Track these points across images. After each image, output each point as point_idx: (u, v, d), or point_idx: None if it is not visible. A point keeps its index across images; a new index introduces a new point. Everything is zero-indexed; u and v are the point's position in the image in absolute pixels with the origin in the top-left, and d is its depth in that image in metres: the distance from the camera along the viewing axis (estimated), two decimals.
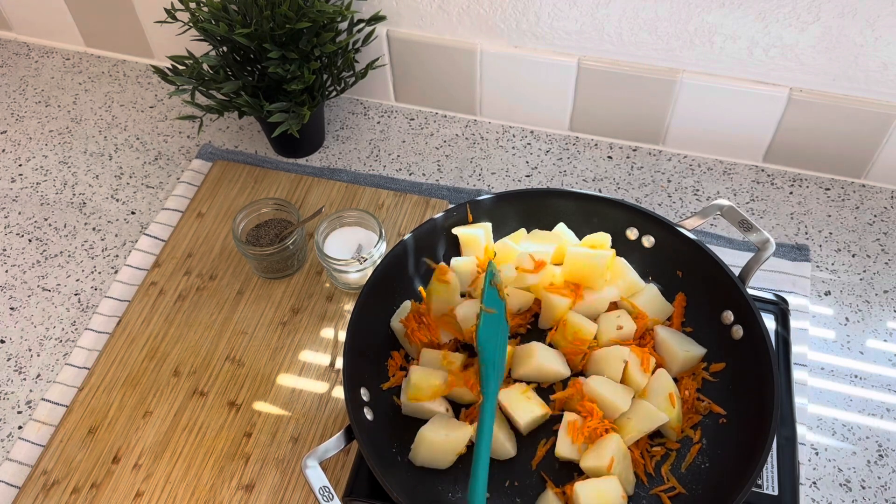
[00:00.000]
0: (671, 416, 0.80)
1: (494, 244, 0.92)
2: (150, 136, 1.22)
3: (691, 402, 0.82)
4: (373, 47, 1.14)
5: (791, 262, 1.01)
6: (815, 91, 1.02)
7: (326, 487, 0.70)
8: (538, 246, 0.89)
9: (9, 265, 1.06)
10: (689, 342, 0.85)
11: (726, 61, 1.02)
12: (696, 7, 0.98)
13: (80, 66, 1.32)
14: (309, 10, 0.98)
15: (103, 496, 0.85)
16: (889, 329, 0.96)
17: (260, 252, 0.96)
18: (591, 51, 1.07)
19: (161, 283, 1.02)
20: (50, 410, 0.92)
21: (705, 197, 1.09)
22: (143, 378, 0.93)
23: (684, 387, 0.83)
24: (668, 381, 0.82)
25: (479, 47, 1.10)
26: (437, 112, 1.22)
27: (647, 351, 0.84)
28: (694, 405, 0.82)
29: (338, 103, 1.24)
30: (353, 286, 0.99)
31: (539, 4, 1.03)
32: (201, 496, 0.85)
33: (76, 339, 0.99)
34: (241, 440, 0.88)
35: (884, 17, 0.92)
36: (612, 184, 1.12)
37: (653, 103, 1.09)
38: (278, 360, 0.95)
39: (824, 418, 0.89)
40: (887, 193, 1.09)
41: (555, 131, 1.18)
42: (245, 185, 1.12)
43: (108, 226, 1.10)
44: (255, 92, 1.05)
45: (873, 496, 0.84)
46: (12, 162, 1.19)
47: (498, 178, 1.13)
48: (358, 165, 1.16)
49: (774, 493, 0.78)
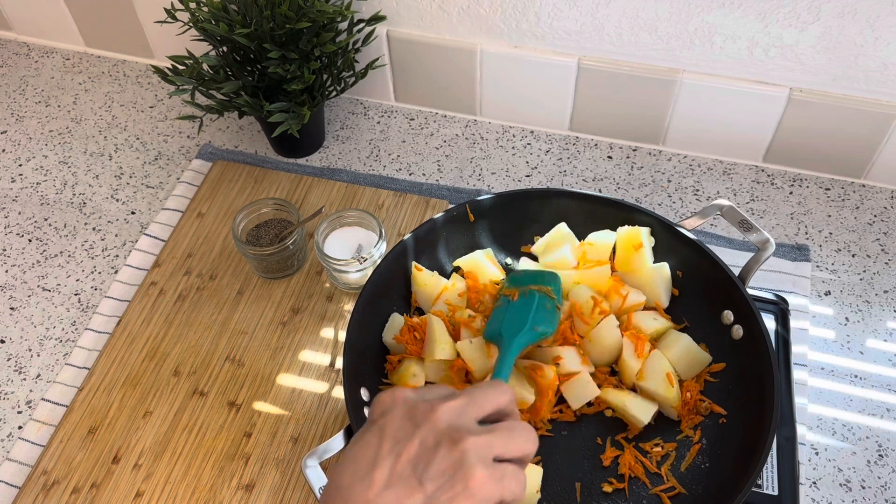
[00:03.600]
0: (670, 396, 0.81)
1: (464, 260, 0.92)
2: (150, 136, 1.22)
3: (693, 402, 0.82)
4: (373, 47, 1.14)
5: (791, 262, 1.01)
6: (815, 91, 1.02)
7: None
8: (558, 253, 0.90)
9: (9, 265, 1.06)
10: (696, 348, 0.85)
11: (726, 61, 1.02)
12: (696, 7, 0.98)
13: (80, 66, 1.32)
14: (309, 10, 0.98)
15: (103, 496, 0.85)
16: (889, 329, 0.96)
17: (260, 252, 0.96)
18: (591, 51, 1.07)
19: (161, 283, 1.02)
20: (50, 410, 0.92)
21: (705, 197, 1.09)
22: (143, 378, 0.93)
23: (686, 388, 0.83)
24: (664, 362, 0.83)
25: (479, 47, 1.10)
26: (437, 112, 1.22)
27: (640, 336, 0.84)
28: (696, 406, 0.82)
29: (338, 103, 1.24)
30: (353, 286, 0.99)
31: (539, 4, 1.03)
32: (201, 496, 0.85)
33: (76, 339, 0.99)
34: (241, 440, 0.88)
35: (884, 17, 0.92)
36: (612, 184, 1.12)
37: (653, 103, 1.09)
38: (278, 360, 0.95)
39: (824, 418, 0.89)
40: (887, 193, 1.09)
41: (555, 131, 1.18)
42: (245, 185, 1.12)
43: (108, 226, 1.10)
44: (255, 92, 1.05)
45: (873, 496, 0.84)
46: (12, 162, 1.19)
47: (498, 178, 1.13)
48: (358, 165, 1.16)
49: (774, 493, 0.78)
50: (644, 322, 0.86)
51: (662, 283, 0.88)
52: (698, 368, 0.84)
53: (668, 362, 0.83)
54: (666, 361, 0.83)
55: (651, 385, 0.82)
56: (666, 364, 0.83)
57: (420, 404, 0.56)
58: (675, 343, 0.84)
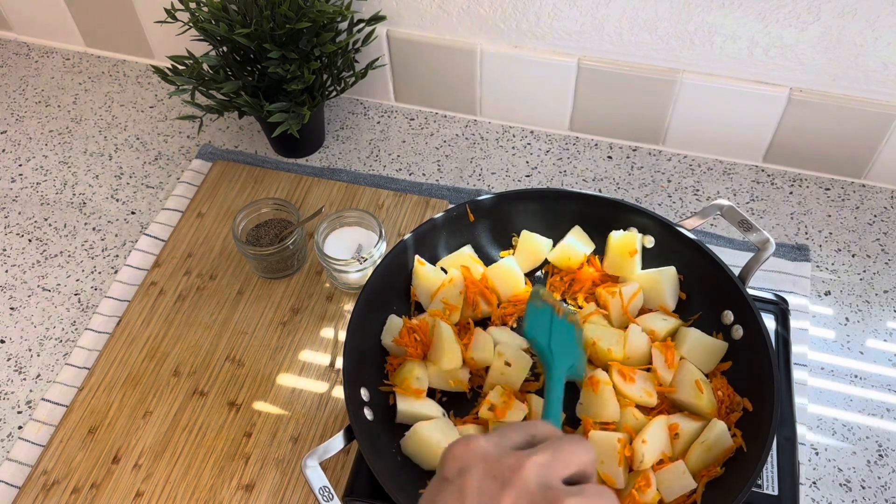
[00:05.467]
0: (701, 403, 0.79)
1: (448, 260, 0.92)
2: (150, 136, 1.22)
3: (728, 399, 0.80)
4: (373, 47, 1.14)
5: (791, 262, 1.01)
6: (815, 91, 1.02)
7: (326, 487, 0.70)
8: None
9: (9, 265, 1.06)
10: (709, 339, 0.84)
11: (726, 61, 1.02)
12: (696, 7, 0.98)
13: (80, 66, 1.32)
14: (309, 10, 0.98)
15: (103, 496, 0.85)
16: (889, 329, 0.96)
17: (260, 252, 0.96)
18: (591, 51, 1.07)
19: (161, 283, 1.02)
20: (50, 410, 0.92)
21: (705, 197, 1.09)
22: (143, 378, 0.93)
23: (716, 389, 0.81)
24: (693, 370, 0.82)
25: (479, 47, 1.10)
26: (437, 112, 1.22)
27: (670, 346, 0.84)
28: (732, 403, 0.81)
29: (338, 103, 1.24)
30: (353, 286, 0.99)
31: (539, 4, 1.03)
32: (201, 496, 0.85)
33: (76, 339, 0.99)
34: (241, 440, 0.88)
35: (884, 17, 0.92)
36: (612, 184, 1.12)
37: (653, 103, 1.09)
38: (278, 360, 0.95)
39: (824, 418, 0.89)
40: (887, 193, 1.09)
41: (555, 131, 1.18)
42: (245, 185, 1.12)
43: (108, 226, 1.10)
44: (255, 92, 1.05)
45: (873, 496, 0.84)
46: (12, 162, 1.19)
47: (498, 178, 1.13)
48: (358, 165, 1.16)
49: (774, 493, 0.78)
50: (654, 324, 0.86)
51: (669, 286, 0.88)
52: (717, 357, 0.84)
53: (695, 369, 0.82)
54: (694, 369, 0.82)
55: (683, 396, 0.81)
56: (695, 372, 0.81)
57: (503, 460, 0.49)
58: (687, 338, 0.84)
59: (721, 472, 0.76)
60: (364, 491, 0.78)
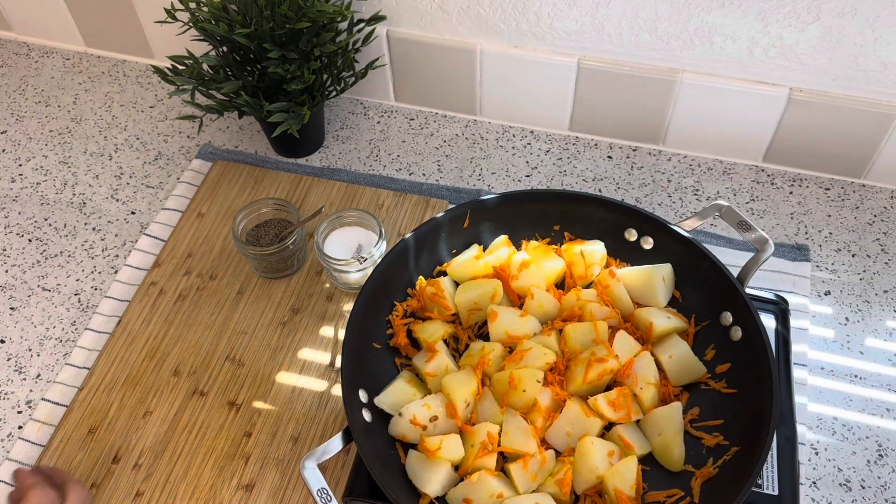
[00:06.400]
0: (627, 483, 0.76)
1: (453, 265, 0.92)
2: (150, 136, 1.22)
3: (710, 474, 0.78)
4: (373, 47, 1.14)
5: (791, 262, 1.01)
6: (815, 91, 1.02)
7: (325, 489, 0.70)
8: None
9: (9, 265, 1.06)
10: (693, 358, 0.84)
11: (726, 61, 1.02)
12: (696, 7, 0.98)
13: (80, 66, 1.32)
14: (309, 10, 0.98)
15: (103, 496, 0.85)
16: (889, 329, 0.96)
17: (260, 252, 0.96)
18: (591, 51, 1.06)
19: (161, 283, 1.02)
20: (50, 410, 0.92)
21: (705, 197, 1.09)
22: (143, 378, 0.93)
23: (700, 476, 0.78)
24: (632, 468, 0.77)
25: (479, 47, 1.10)
26: (437, 112, 1.22)
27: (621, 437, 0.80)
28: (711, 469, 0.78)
29: (338, 103, 1.24)
30: (353, 286, 0.99)
31: (539, 4, 1.03)
32: (201, 496, 0.85)
33: (76, 339, 0.99)
34: (241, 440, 0.88)
35: (884, 17, 0.92)
36: (612, 184, 1.12)
37: (653, 103, 1.09)
38: (278, 360, 0.95)
39: (824, 418, 0.89)
40: (887, 193, 1.09)
41: (555, 131, 1.18)
42: (245, 185, 1.12)
43: (108, 226, 1.10)
44: (255, 92, 1.05)
45: (873, 496, 0.84)
46: (12, 162, 1.19)
47: (498, 178, 1.13)
48: (358, 165, 1.16)
49: (774, 493, 0.78)
50: (656, 319, 0.86)
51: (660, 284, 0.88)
52: (689, 378, 0.83)
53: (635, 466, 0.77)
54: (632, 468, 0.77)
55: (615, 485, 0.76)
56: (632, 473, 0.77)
57: None
58: (673, 347, 0.84)
59: (715, 472, 0.76)
60: (364, 491, 0.78)
